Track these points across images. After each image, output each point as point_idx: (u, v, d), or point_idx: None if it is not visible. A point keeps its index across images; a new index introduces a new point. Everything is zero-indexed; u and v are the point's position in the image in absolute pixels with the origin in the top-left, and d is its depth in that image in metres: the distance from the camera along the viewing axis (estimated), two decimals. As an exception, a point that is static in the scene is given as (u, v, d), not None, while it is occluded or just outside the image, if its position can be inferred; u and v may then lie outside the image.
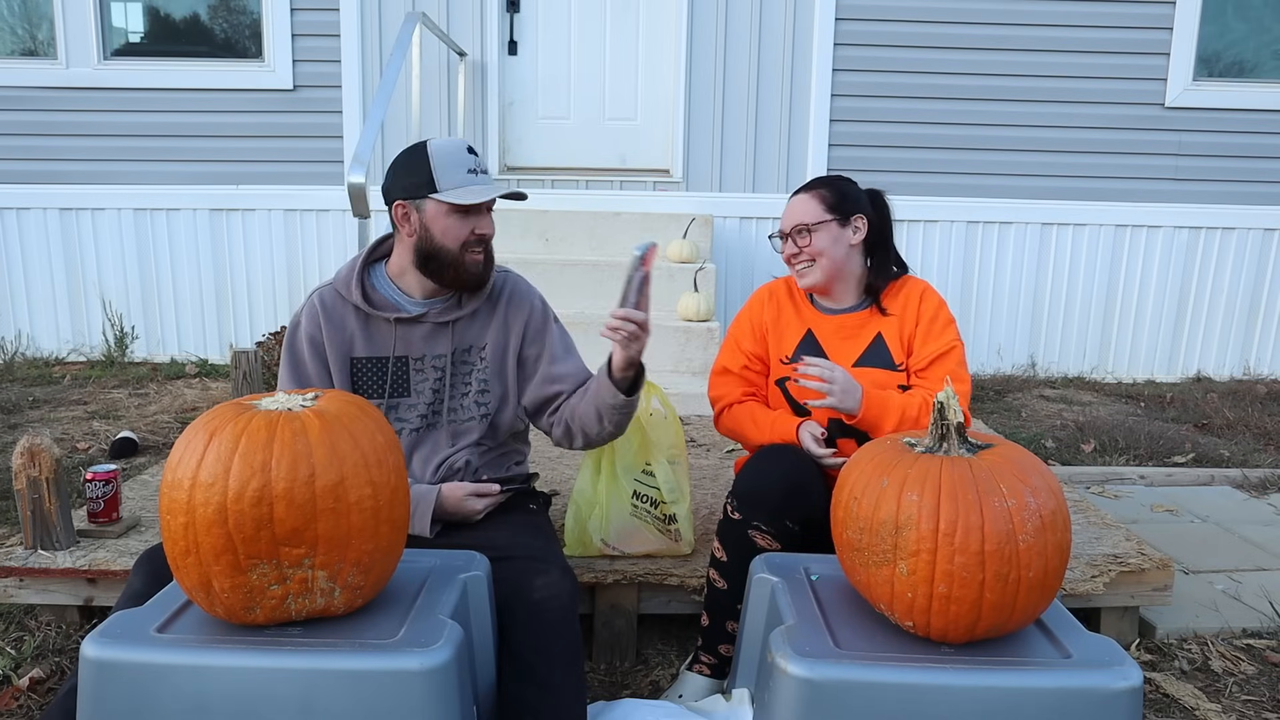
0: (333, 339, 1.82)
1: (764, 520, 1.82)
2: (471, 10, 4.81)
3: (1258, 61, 4.95)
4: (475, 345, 1.87)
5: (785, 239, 2.05)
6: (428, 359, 1.84)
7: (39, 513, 2.10)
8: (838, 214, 2.01)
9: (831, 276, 2.03)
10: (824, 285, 2.04)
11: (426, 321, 1.83)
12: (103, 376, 4.68)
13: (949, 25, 4.80)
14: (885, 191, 2.12)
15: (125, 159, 4.91)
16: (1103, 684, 1.29)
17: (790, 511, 1.82)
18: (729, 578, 1.86)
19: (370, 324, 1.83)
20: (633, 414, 1.85)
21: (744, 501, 1.85)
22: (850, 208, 2.03)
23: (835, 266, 2.02)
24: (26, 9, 4.86)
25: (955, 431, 1.40)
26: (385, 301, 1.84)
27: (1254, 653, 2.17)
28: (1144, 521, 2.94)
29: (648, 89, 5.02)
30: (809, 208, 2.02)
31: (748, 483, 1.86)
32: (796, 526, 1.83)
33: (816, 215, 2.01)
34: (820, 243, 2.00)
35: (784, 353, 2.07)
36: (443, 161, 1.73)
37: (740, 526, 1.84)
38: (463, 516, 1.81)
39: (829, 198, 2.03)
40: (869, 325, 2.05)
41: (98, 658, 1.28)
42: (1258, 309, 5.13)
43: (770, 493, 1.83)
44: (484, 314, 1.88)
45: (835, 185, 2.06)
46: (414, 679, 1.26)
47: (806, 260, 2.01)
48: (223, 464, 1.26)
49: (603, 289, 4.19)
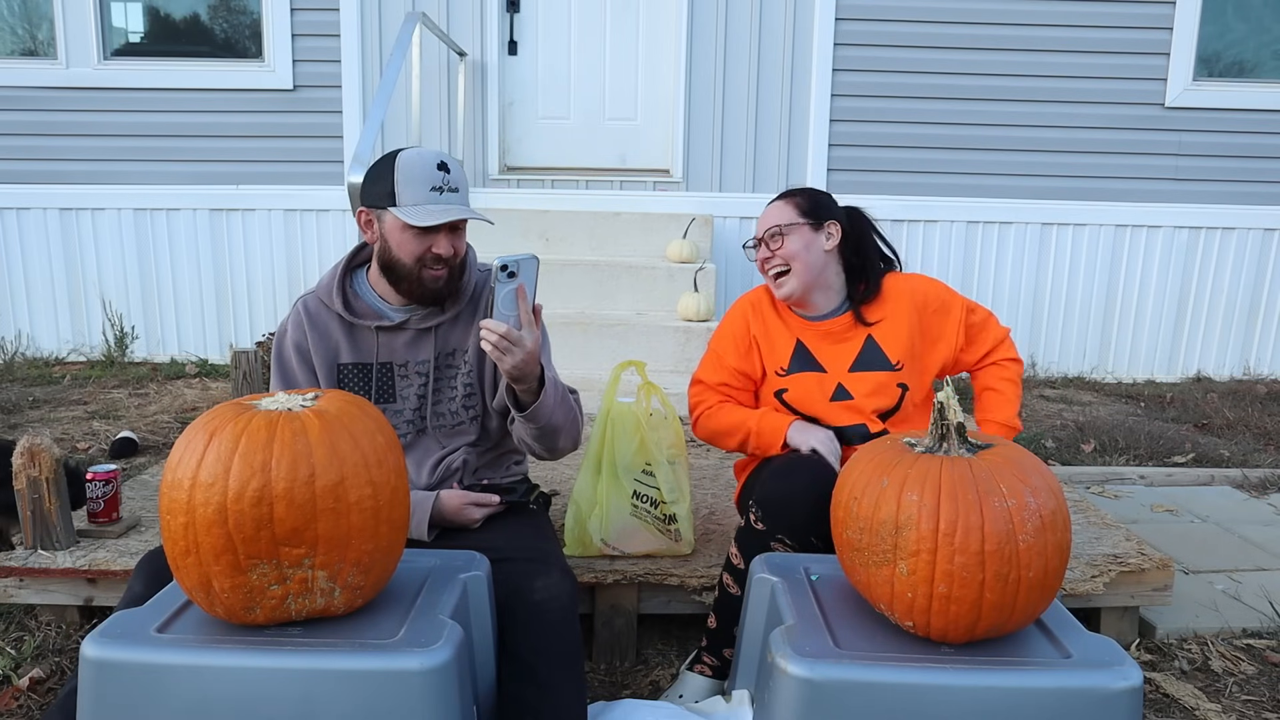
0: (318, 346, 1.81)
1: (788, 533, 1.79)
2: (471, 10, 4.81)
3: (1258, 61, 4.95)
4: (459, 349, 1.85)
5: (759, 244, 2.05)
6: (411, 365, 1.83)
7: (39, 513, 2.10)
8: (811, 218, 2.02)
9: (809, 285, 2.01)
10: (801, 295, 2.02)
11: (409, 328, 1.81)
12: (103, 376, 4.68)
13: (949, 25, 4.80)
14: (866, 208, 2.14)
15: (125, 159, 4.91)
16: (1103, 684, 1.29)
17: (816, 528, 1.78)
18: (744, 585, 1.82)
19: (354, 331, 1.82)
20: (559, 432, 1.75)
21: (769, 512, 1.81)
22: (823, 214, 2.04)
23: (811, 273, 2.01)
24: (26, 9, 4.86)
25: (955, 431, 1.40)
26: (367, 309, 1.82)
27: (1254, 653, 2.17)
28: (1144, 521, 2.94)
29: (648, 89, 5.02)
30: (781, 212, 2.03)
31: (775, 493, 1.82)
32: (820, 543, 1.80)
33: (789, 218, 2.02)
34: (793, 245, 1.99)
35: (778, 365, 2.06)
36: (407, 176, 1.69)
37: (764, 537, 1.81)
38: (460, 524, 1.80)
39: (802, 204, 2.04)
40: (855, 329, 2.05)
41: (98, 658, 1.28)
42: (1258, 309, 5.13)
43: (797, 505, 1.79)
44: (466, 317, 1.86)
45: (807, 193, 2.07)
46: (414, 679, 1.26)
47: (781, 265, 2.01)
48: (223, 464, 1.26)
49: (603, 289, 4.19)
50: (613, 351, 3.81)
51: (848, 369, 2.02)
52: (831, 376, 2.03)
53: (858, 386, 2.01)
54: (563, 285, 4.16)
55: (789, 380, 2.04)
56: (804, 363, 2.04)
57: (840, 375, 2.02)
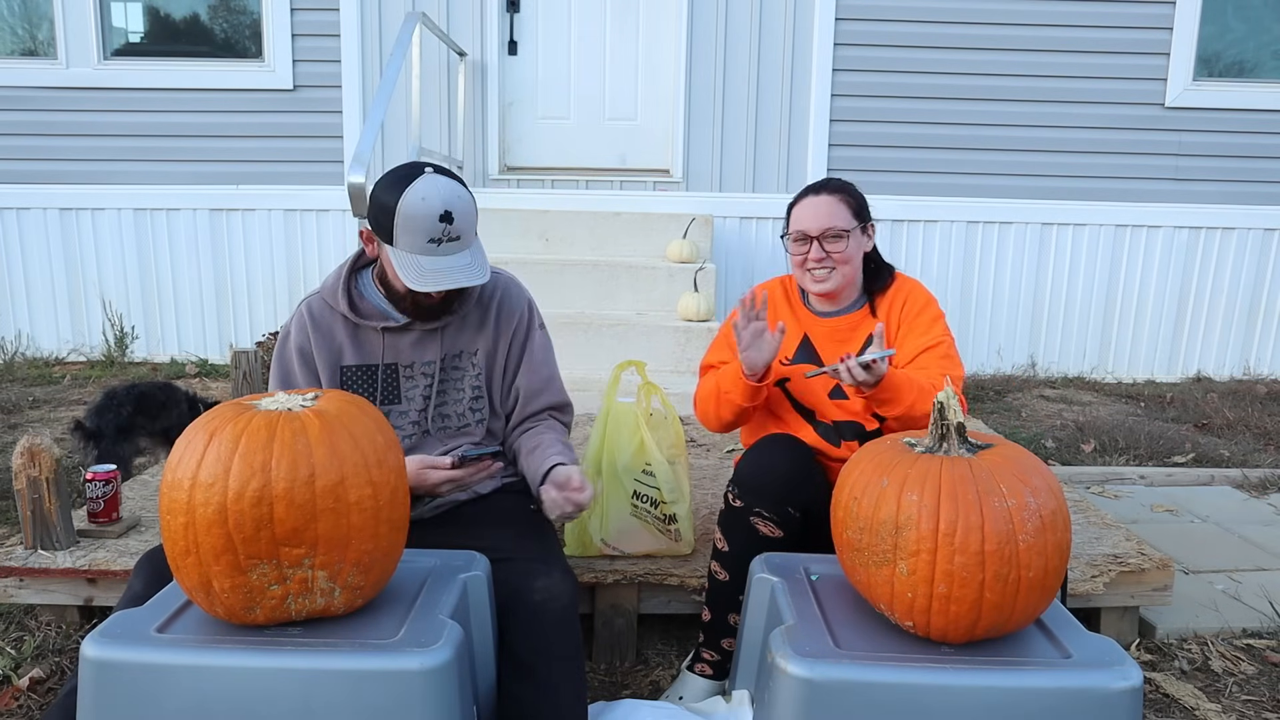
0: (321, 348, 1.81)
1: (766, 507, 1.81)
2: (471, 10, 4.81)
3: (1258, 61, 4.95)
4: (466, 351, 1.85)
5: (809, 242, 1.95)
6: (417, 366, 1.83)
7: (39, 513, 2.10)
8: (860, 220, 1.99)
9: (848, 282, 2.00)
10: (837, 290, 2.00)
11: (415, 329, 1.81)
12: (103, 376, 4.68)
13: (949, 25, 4.80)
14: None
15: (125, 159, 4.91)
16: (1103, 684, 1.29)
17: (792, 497, 1.81)
18: (731, 568, 1.85)
19: (359, 333, 1.82)
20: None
21: (745, 488, 1.84)
22: (866, 214, 2.02)
23: (854, 272, 2.00)
24: (26, 9, 4.86)
25: (955, 431, 1.40)
26: (373, 310, 1.82)
27: (1254, 653, 2.17)
28: (1144, 521, 2.94)
29: (648, 89, 5.02)
30: (839, 211, 1.95)
31: (749, 469, 1.85)
32: (798, 513, 1.83)
33: (848, 221, 1.95)
34: (850, 249, 1.95)
35: (783, 354, 2.07)
36: (407, 225, 1.64)
37: (742, 514, 1.83)
38: (426, 490, 1.72)
39: (853, 204, 1.98)
40: (861, 327, 2.04)
41: (98, 658, 1.28)
42: (1258, 309, 5.13)
43: (772, 478, 1.82)
44: (474, 320, 1.85)
45: (852, 190, 2.02)
46: (414, 679, 1.26)
47: (830, 266, 1.95)
48: (223, 464, 1.26)
49: (602, 289, 4.19)
50: (613, 351, 3.80)
51: None
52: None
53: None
54: (563, 285, 4.16)
55: (791, 370, 2.04)
56: (807, 356, 2.04)
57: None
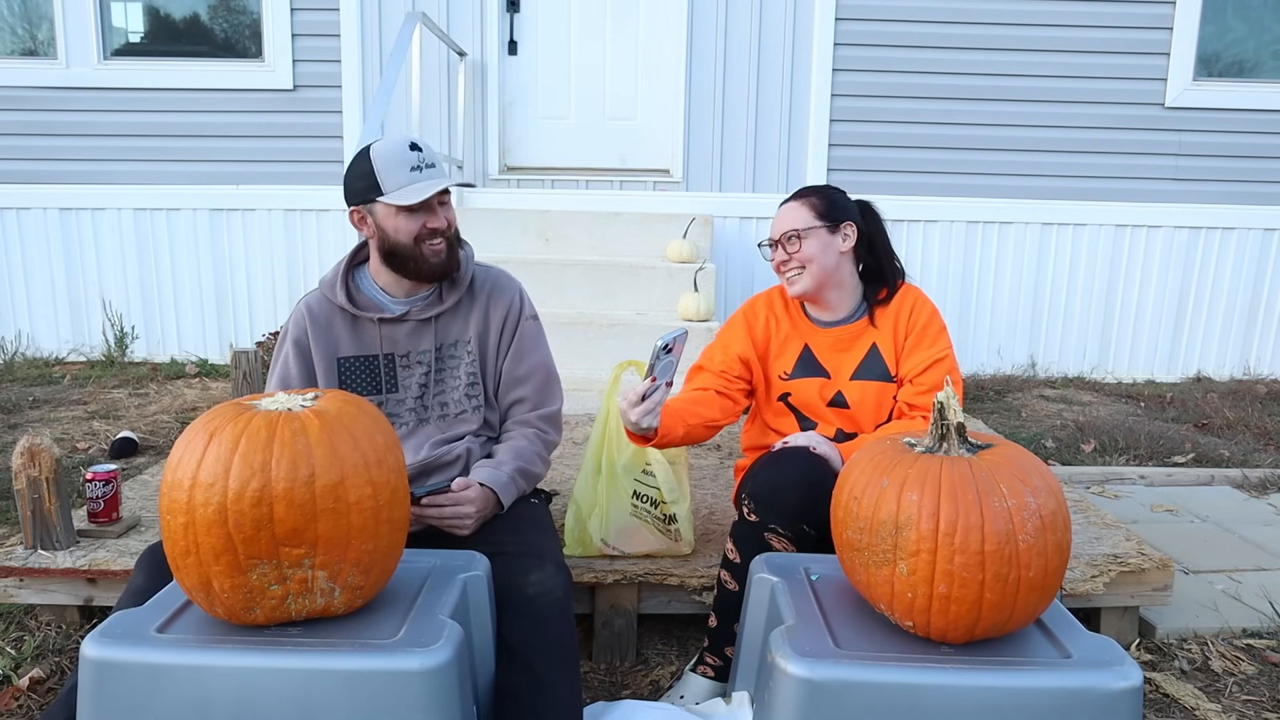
0: (319, 342, 1.88)
1: (781, 523, 1.80)
2: (471, 10, 4.81)
3: (1258, 61, 4.95)
4: (460, 339, 1.92)
5: (775, 246, 2.04)
6: (413, 355, 1.90)
7: (39, 513, 2.10)
8: (827, 220, 2.01)
9: (821, 284, 2.02)
10: (814, 293, 2.03)
11: (409, 320, 1.89)
12: (103, 376, 4.68)
13: (949, 25, 4.80)
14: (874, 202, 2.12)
15: (125, 159, 4.91)
16: (1103, 684, 1.29)
17: (808, 515, 1.79)
18: (741, 580, 1.83)
19: (357, 325, 1.89)
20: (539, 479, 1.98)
21: (761, 503, 1.82)
22: (839, 215, 2.03)
23: (825, 273, 2.01)
24: (26, 9, 4.86)
25: (955, 431, 1.40)
26: (369, 302, 1.90)
27: (1254, 653, 2.17)
28: (1144, 521, 2.94)
29: (648, 89, 5.02)
30: (798, 214, 2.02)
31: (765, 484, 1.83)
32: (814, 531, 1.81)
33: (806, 221, 2.01)
34: (810, 249, 1.99)
35: (784, 369, 2.07)
36: (385, 164, 1.77)
37: (757, 529, 1.81)
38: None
39: (818, 205, 2.03)
40: (864, 337, 2.05)
41: (98, 658, 1.28)
42: (1258, 309, 5.13)
43: (788, 494, 1.80)
44: (465, 308, 1.93)
45: (824, 193, 2.06)
46: (414, 679, 1.26)
47: (796, 267, 2.01)
48: (223, 464, 1.26)
49: (602, 289, 4.19)
50: (613, 351, 3.80)
51: (849, 376, 2.03)
52: (833, 383, 2.04)
53: (855, 395, 2.02)
54: (562, 285, 4.16)
55: (792, 385, 2.05)
56: (808, 368, 2.05)
57: (841, 383, 2.03)
